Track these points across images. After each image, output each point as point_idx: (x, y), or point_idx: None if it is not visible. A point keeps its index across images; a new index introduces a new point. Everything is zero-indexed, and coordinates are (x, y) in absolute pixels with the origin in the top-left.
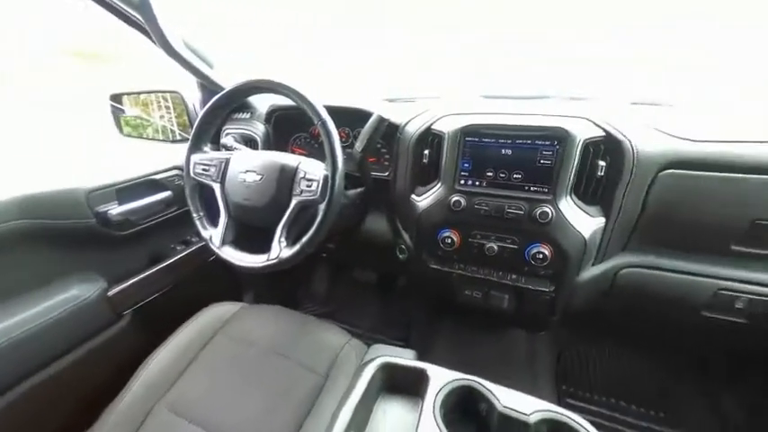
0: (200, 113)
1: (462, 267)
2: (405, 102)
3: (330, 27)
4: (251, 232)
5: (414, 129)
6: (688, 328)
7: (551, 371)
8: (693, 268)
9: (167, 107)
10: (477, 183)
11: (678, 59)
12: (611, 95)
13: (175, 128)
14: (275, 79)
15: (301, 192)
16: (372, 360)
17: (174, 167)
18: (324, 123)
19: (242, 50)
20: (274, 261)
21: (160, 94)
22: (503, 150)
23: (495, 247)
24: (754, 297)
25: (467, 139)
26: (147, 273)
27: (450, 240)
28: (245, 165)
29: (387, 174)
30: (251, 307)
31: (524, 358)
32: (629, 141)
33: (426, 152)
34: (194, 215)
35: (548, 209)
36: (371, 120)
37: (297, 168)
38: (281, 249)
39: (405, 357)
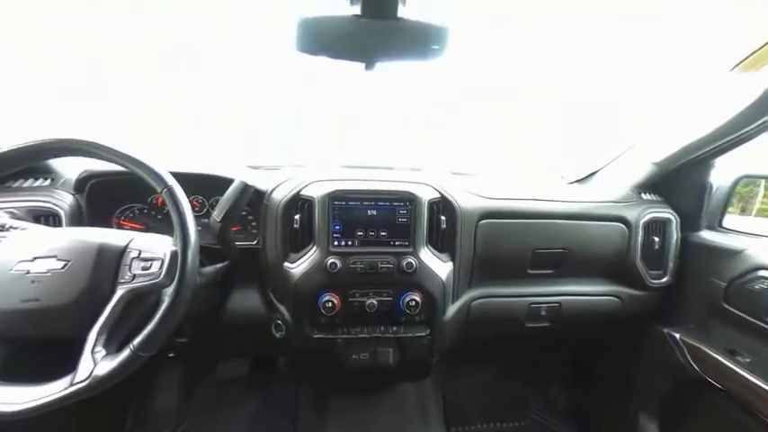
0: None
1: (346, 331)
2: (269, 169)
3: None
4: (36, 351)
5: (282, 195)
6: (520, 340)
7: (441, 414)
8: (513, 291)
9: None
10: (349, 243)
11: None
12: (436, 167)
13: None
14: (90, 139)
15: (134, 277)
16: None
17: None
18: (170, 190)
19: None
20: (83, 384)
21: None
22: (368, 211)
23: (375, 303)
24: (549, 305)
25: (335, 202)
26: None
27: (331, 304)
28: (34, 248)
29: (255, 242)
30: None
31: (416, 409)
32: (456, 201)
33: (297, 217)
34: None
35: (412, 260)
36: (234, 185)
37: (126, 247)
38: (95, 364)
39: None
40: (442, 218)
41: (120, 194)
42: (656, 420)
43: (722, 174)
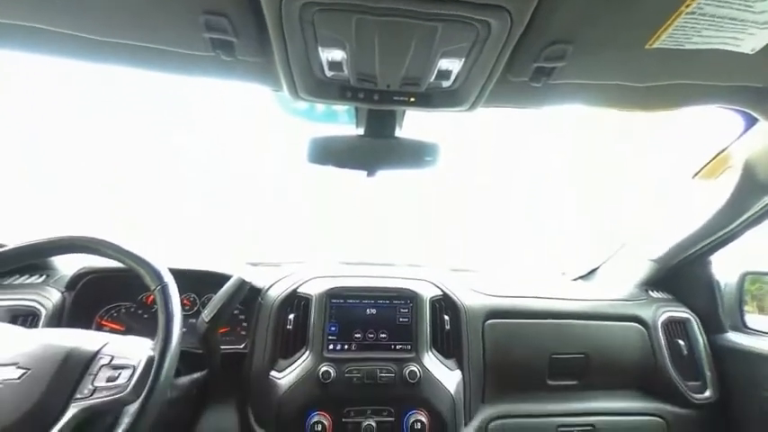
0: None
1: None
2: (269, 266)
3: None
4: None
5: (278, 292)
6: None
7: None
8: (535, 409)
9: None
10: (345, 346)
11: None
12: (436, 264)
13: None
14: (95, 236)
15: (94, 391)
16: None
17: None
18: (164, 288)
19: None
20: None
21: None
22: (367, 310)
23: (374, 424)
24: (581, 428)
25: (332, 301)
26: None
27: (320, 426)
28: None
29: (242, 346)
30: None
31: None
32: (460, 299)
33: (291, 317)
34: None
35: (415, 368)
36: (231, 282)
37: (98, 352)
38: None
39: None
40: (446, 317)
41: (110, 292)
42: None
43: (726, 270)
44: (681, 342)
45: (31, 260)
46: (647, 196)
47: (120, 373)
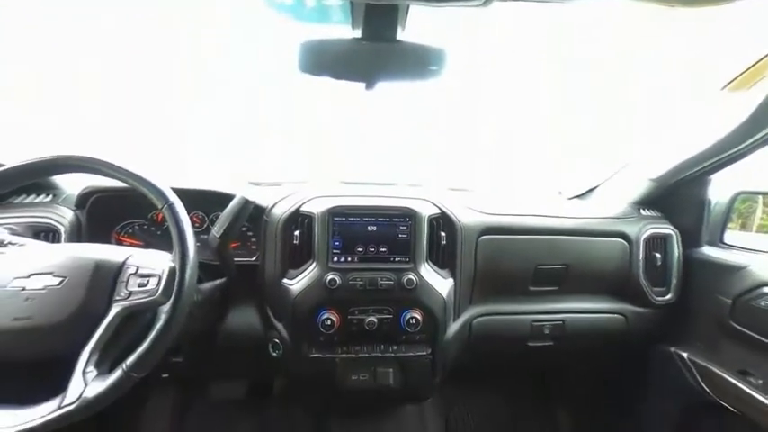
0: None
1: (345, 350)
2: (270, 186)
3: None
4: (25, 372)
5: (282, 211)
6: (524, 361)
7: None
8: (515, 308)
9: None
10: (349, 259)
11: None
12: (435, 183)
13: None
14: (94, 156)
15: (129, 294)
16: None
17: None
18: (171, 206)
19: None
20: (71, 407)
21: None
22: (368, 227)
23: (375, 320)
24: (552, 323)
25: (335, 219)
26: None
27: (330, 321)
28: (30, 265)
29: (254, 258)
30: None
31: None
32: (456, 217)
33: (297, 233)
34: None
35: (412, 276)
36: (234, 201)
37: (124, 263)
38: (85, 385)
39: None
40: (442, 234)
41: (120, 210)
42: None
43: (720, 190)
44: (657, 255)
45: (33, 179)
46: (658, 113)
47: (148, 281)
